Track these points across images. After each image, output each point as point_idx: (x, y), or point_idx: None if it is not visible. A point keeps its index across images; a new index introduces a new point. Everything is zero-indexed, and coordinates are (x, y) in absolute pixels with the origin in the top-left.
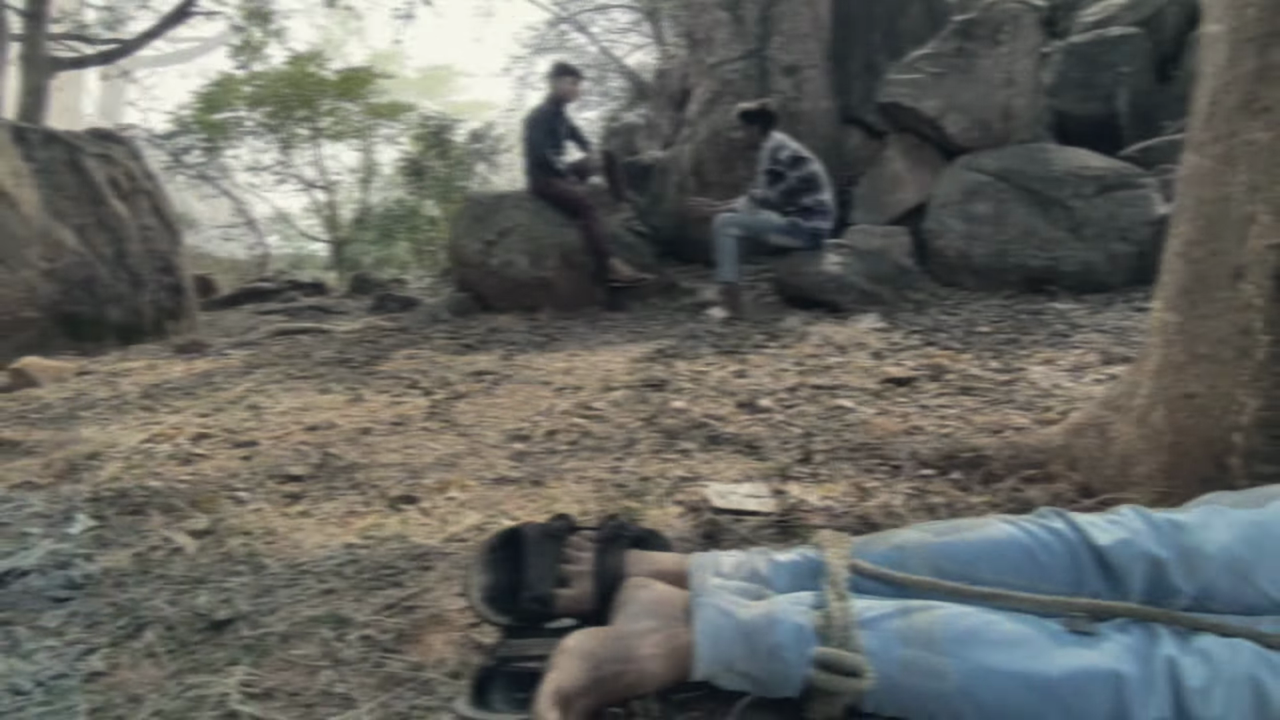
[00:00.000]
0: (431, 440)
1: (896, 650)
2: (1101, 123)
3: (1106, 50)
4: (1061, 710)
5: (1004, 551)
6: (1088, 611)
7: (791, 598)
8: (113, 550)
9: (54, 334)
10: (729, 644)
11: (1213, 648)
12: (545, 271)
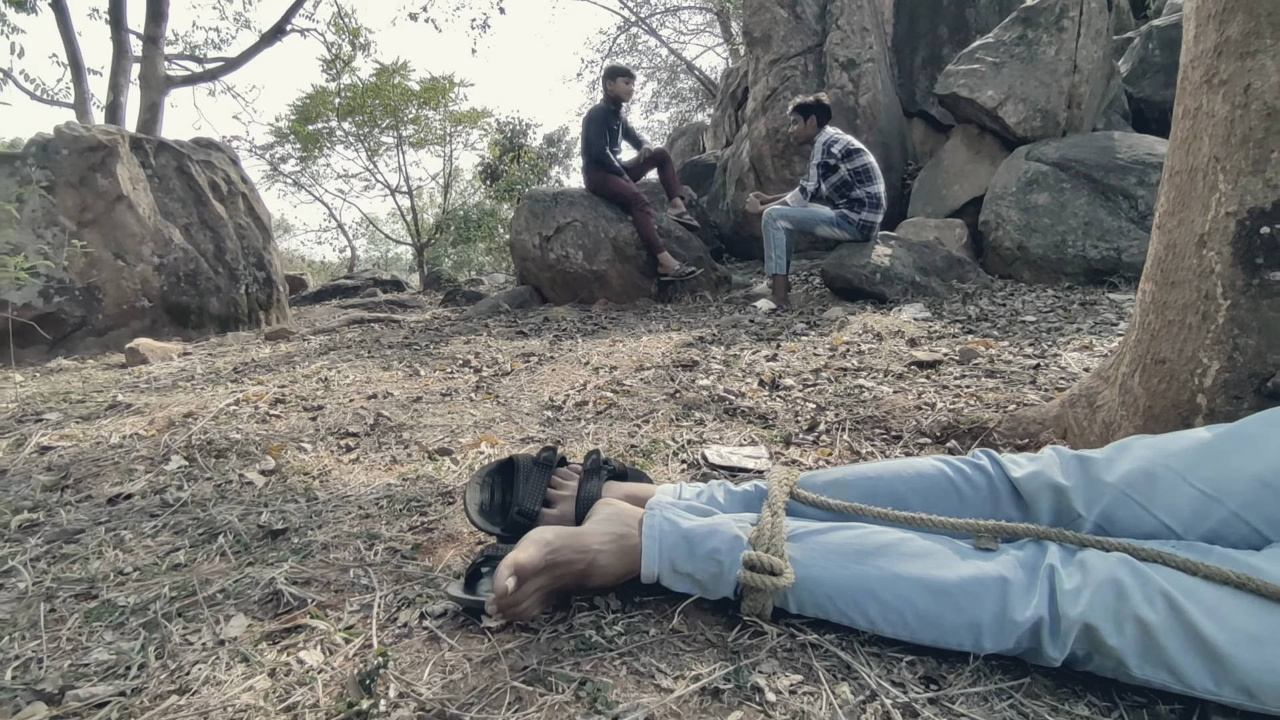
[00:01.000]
0: (473, 408)
1: (818, 558)
2: None
3: None
4: (954, 610)
5: (931, 484)
6: (992, 532)
7: (735, 516)
8: (198, 483)
9: (163, 321)
10: (672, 547)
11: (1090, 558)
12: (599, 265)
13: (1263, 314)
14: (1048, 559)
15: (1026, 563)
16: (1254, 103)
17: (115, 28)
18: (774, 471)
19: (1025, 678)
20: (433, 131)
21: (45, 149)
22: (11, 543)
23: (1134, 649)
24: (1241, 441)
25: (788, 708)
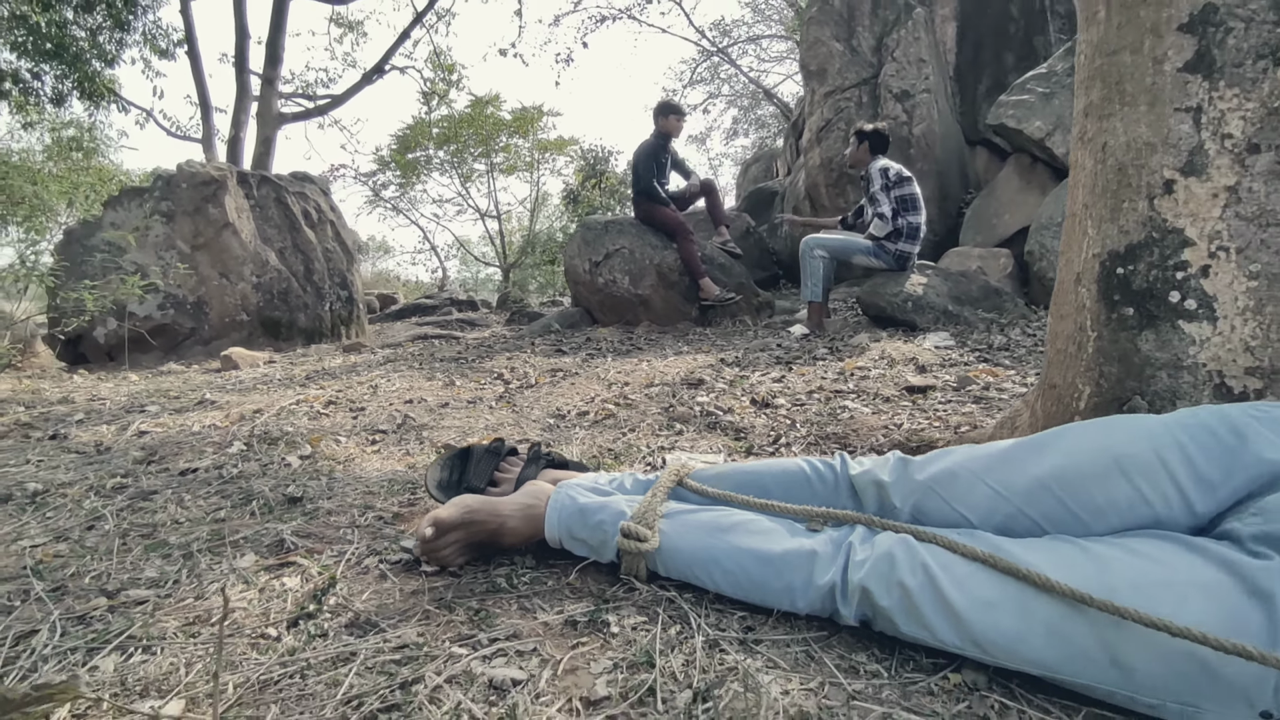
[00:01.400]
0: (490, 414)
1: (682, 532)
2: None
3: None
4: (776, 575)
5: (791, 478)
6: (821, 517)
7: (628, 496)
8: (249, 463)
9: (258, 333)
10: (569, 517)
11: (881, 537)
12: (644, 290)
13: (1121, 345)
14: (851, 537)
15: (836, 540)
16: (1109, 159)
17: (239, 70)
18: (670, 464)
19: (826, 632)
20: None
21: (168, 183)
22: (105, 498)
23: (899, 609)
24: (1030, 449)
25: (624, 638)
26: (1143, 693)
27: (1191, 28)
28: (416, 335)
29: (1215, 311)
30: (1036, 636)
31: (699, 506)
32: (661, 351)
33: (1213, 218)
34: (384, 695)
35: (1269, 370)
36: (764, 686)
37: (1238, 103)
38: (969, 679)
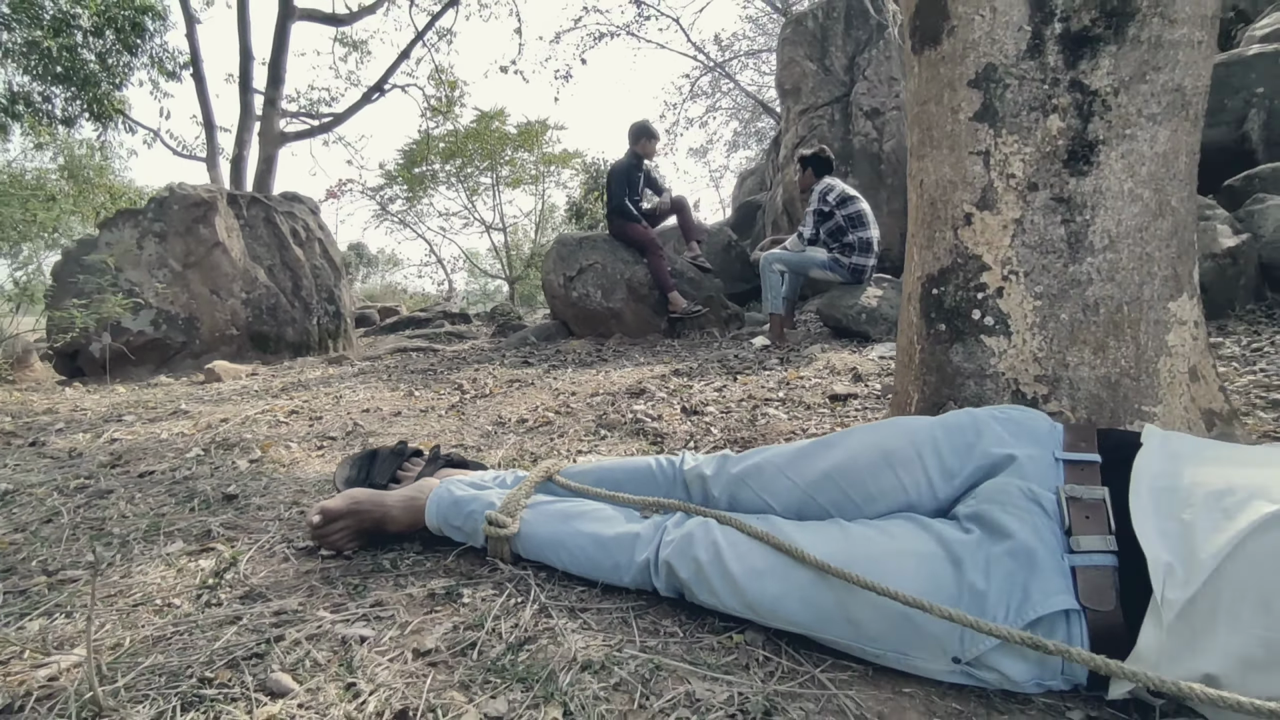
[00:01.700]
0: (437, 422)
1: (540, 520)
2: (1228, 149)
3: (1239, 71)
4: (607, 555)
5: (640, 474)
6: (654, 506)
7: (502, 491)
8: (202, 465)
9: (247, 347)
10: (446, 508)
11: (690, 521)
12: (615, 303)
13: (937, 356)
14: (668, 522)
15: (658, 524)
16: (925, 194)
17: (243, 91)
18: (542, 462)
19: (646, 603)
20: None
21: (161, 205)
22: (66, 497)
23: (693, 580)
24: (822, 447)
25: (471, 606)
26: (869, 644)
27: (978, 83)
28: (397, 348)
29: (1009, 327)
30: (793, 600)
31: (560, 498)
32: (624, 363)
33: (1004, 246)
34: (250, 648)
35: (1052, 378)
36: (568, 641)
37: (1017, 147)
38: (748, 638)
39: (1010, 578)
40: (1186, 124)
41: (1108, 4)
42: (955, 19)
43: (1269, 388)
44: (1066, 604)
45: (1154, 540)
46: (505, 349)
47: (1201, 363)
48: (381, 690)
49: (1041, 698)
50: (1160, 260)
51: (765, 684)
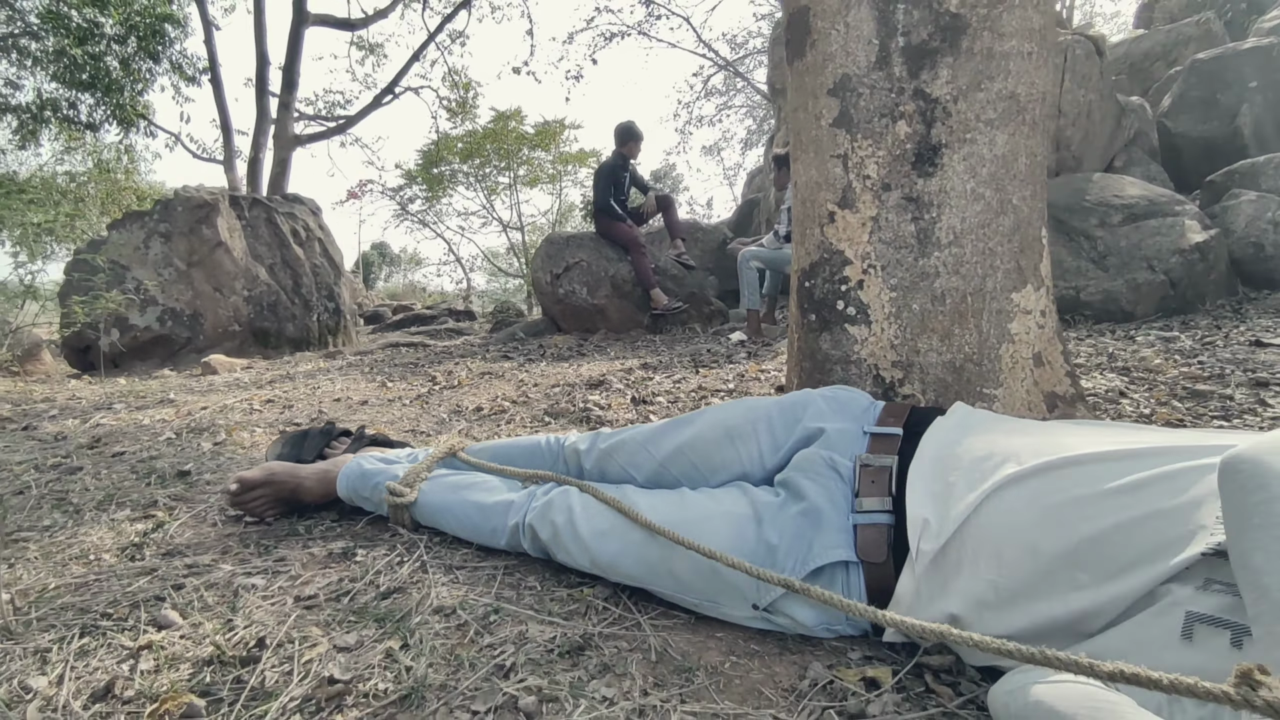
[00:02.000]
0: (399, 410)
1: (435, 490)
2: (1220, 144)
3: (1234, 65)
4: (485, 520)
5: (530, 450)
6: (532, 478)
7: (405, 466)
8: (170, 447)
9: (249, 342)
10: (355, 480)
11: (556, 490)
12: (599, 299)
13: (810, 345)
14: (539, 490)
15: (530, 493)
16: (800, 194)
17: (259, 95)
18: (445, 439)
19: (518, 562)
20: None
21: (166, 206)
22: (40, 473)
23: (551, 540)
24: (679, 424)
25: (362, 563)
26: (687, 593)
27: (836, 92)
28: (389, 344)
29: (869, 316)
30: (629, 557)
31: (458, 472)
32: (600, 357)
33: (863, 241)
34: (154, 593)
35: (906, 363)
36: (433, 592)
37: (871, 150)
38: (596, 591)
39: (799, 534)
40: (1024, 128)
41: (942, 19)
42: (816, 33)
43: (1196, 379)
44: (843, 556)
45: (918, 500)
46: (492, 344)
47: (1048, 349)
48: (254, 626)
49: (832, 641)
50: (1002, 254)
51: (593, 627)
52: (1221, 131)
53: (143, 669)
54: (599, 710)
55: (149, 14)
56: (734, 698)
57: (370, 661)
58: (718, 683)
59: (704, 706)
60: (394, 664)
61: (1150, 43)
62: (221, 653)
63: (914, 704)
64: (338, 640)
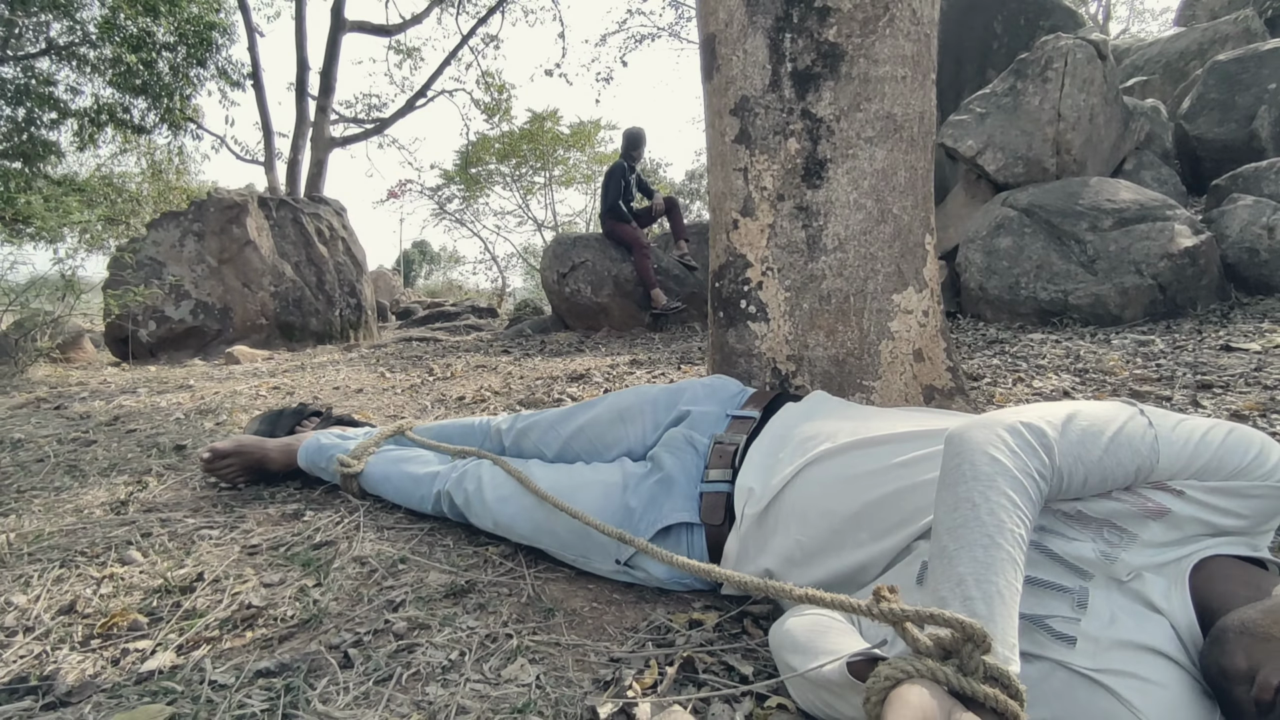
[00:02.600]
0: (389, 398)
1: (378, 463)
2: (1237, 146)
3: (1252, 67)
4: (415, 488)
5: (466, 430)
6: (460, 453)
7: (359, 442)
8: (178, 426)
9: (275, 336)
10: (314, 452)
11: (473, 463)
12: (603, 298)
13: (720, 339)
14: (461, 463)
15: (455, 465)
16: (711, 203)
17: (299, 99)
18: (397, 420)
19: (443, 526)
20: (579, 171)
21: (200, 207)
22: (61, 444)
23: (464, 506)
24: (584, 407)
25: (308, 522)
26: (565, 550)
27: (736, 111)
28: (403, 338)
29: (768, 314)
30: (523, 519)
31: (403, 447)
32: (595, 353)
33: (762, 246)
34: (128, 537)
35: (798, 357)
36: (358, 545)
37: (767, 164)
38: (500, 550)
39: (654, 499)
40: (902, 145)
41: (823, 47)
42: (720, 59)
43: (1145, 381)
44: (686, 518)
45: (749, 472)
46: (500, 340)
47: (929, 346)
48: (200, 565)
49: (683, 593)
50: (883, 259)
51: (483, 576)
52: (1239, 134)
53: (102, 593)
54: (458, 634)
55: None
56: (580, 634)
57: (285, 594)
58: (572, 621)
59: (548, 637)
60: (304, 597)
61: (1186, 42)
62: (168, 583)
63: (725, 640)
64: (265, 578)
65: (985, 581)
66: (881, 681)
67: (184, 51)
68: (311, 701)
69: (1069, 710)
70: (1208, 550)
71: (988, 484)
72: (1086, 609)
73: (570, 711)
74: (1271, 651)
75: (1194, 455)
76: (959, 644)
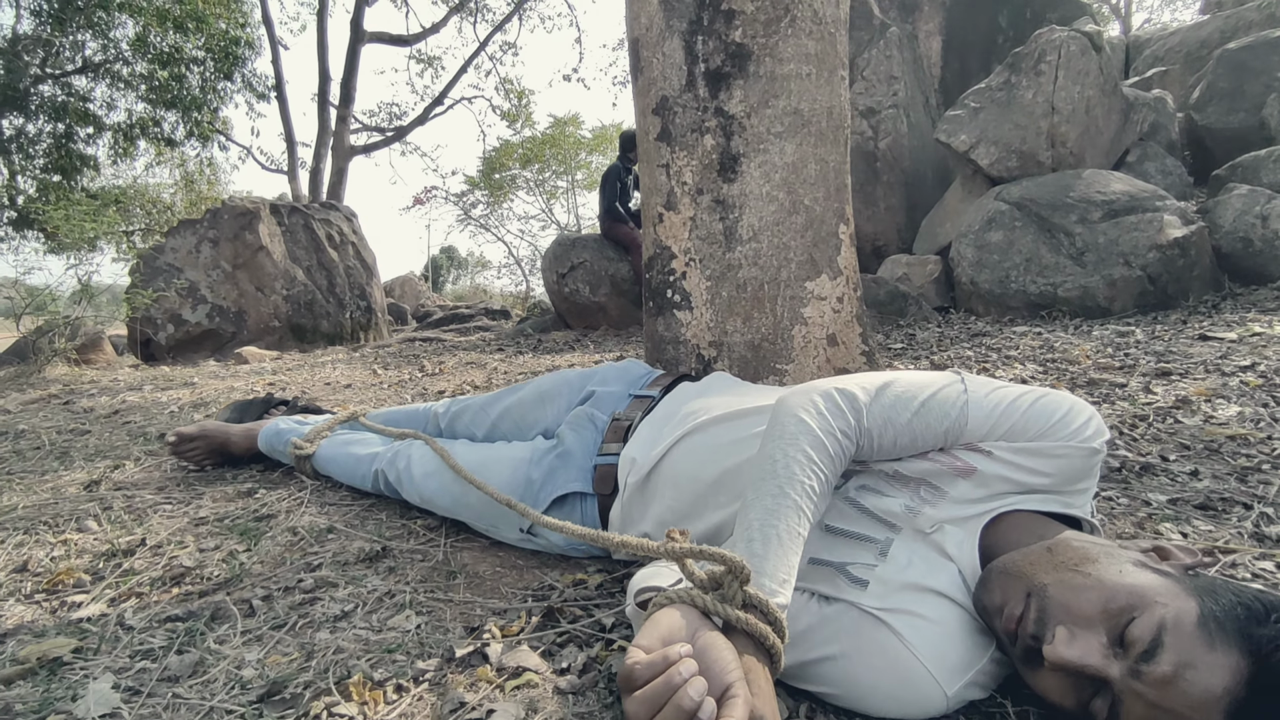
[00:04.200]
0: (376, 393)
1: (329, 447)
2: (1246, 135)
3: (1262, 54)
4: (357, 467)
5: (412, 415)
6: (399, 435)
7: (313, 426)
8: (171, 418)
9: (287, 338)
10: (272, 436)
11: (405, 443)
12: (600, 297)
13: (650, 327)
14: (397, 445)
15: (390, 448)
16: (643, 197)
17: (320, 109)
18: (351, 408)
19: (378, 502)
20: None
21: (215, 215)
22: (59, 434)
23: (396, 482)
24: (511, 391)
25: (258, 499)
26: (478, 520)
27: (658, 111)
28: (409, 339)
29: (691, 303)
30: (444, 492)
31: (352, 431)
32: (586, 351)
33: (684, 238)
34: (90, 510)
35: (718, 343)
36: (295, 517)
37: (687, 160)
38: (427, 522)
39: (552, 472)
40: (811, 138)
41: (731, 48)
42: (643, 61)
43: (1106, 369)
44: (578, 488)
45: (635, 444)
46: (501, 339)
47: (843, 330)
48: (147, 533)
49: (583, 559)
50: (796, 248)
51: (402, 544)
52: (1248, 123)
53: (54, 555)
54: (360, 591)
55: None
56: (475, 593)
57: (216, 558)
58: (471, 583)
59: (442, 594)
60: (232, 560)
61: (1208, 30)
62: (114, 548)
63: (602, 597)
64: (202, 544)
65: (768, 526)
66: (652, 608)
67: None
68: (207, 640)
69: (855, 645)
70: (1009, 506)
71: (790, 442)
72: (886, 557)
73: (433, 652)
74: (1020, 588)
75: (1002, 418)
76: (725, 577)
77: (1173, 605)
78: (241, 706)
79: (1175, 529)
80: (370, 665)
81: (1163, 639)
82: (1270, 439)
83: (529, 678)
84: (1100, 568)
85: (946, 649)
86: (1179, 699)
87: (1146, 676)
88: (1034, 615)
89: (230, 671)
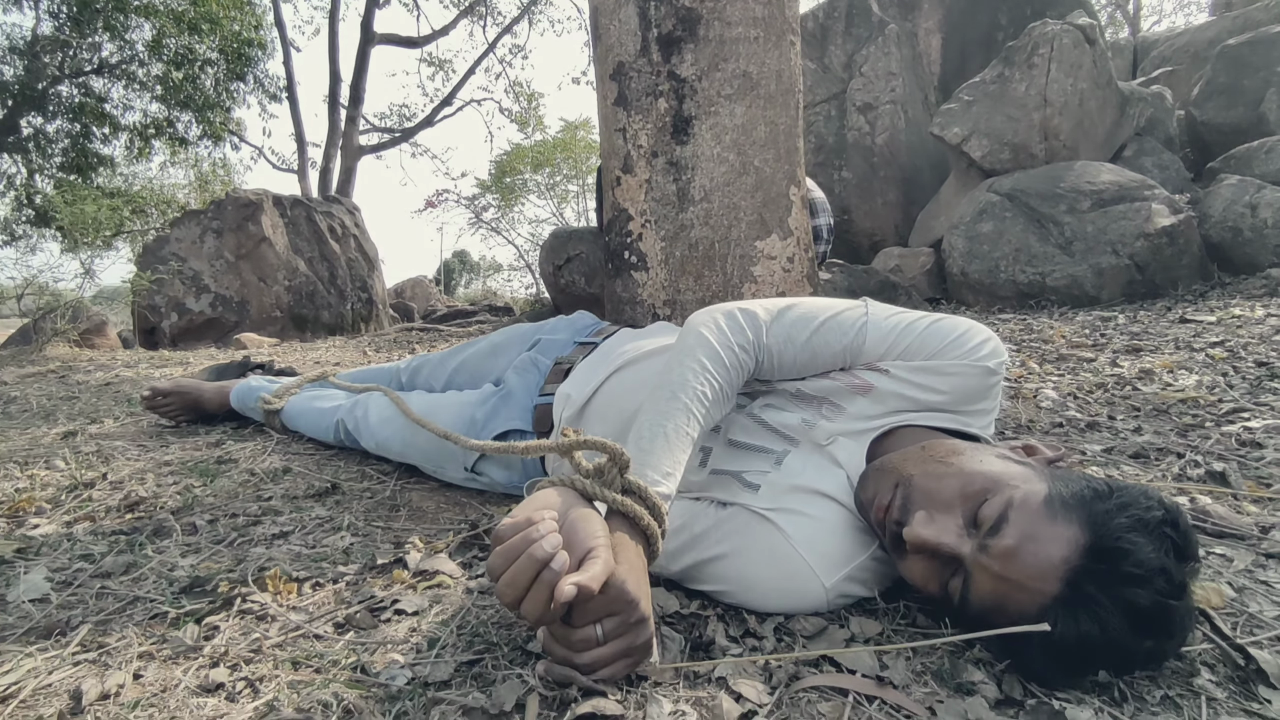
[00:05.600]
0: None
1: (298, 402)
2: (1245, 130)
3: (1261, 49)
4: (320, 419)
5: (376, 373)
6: (362, 389)
7: (283, 384)
8: None
9: (289, 327)
10: (244, 394)
11: (365, 395)
12: (595, 288)
13: (610, 288)
14: (359, 398)
15: (351, 399)
16: (602, 161)
17: (331, 110)
18: (326, 369)
19: (340, 452)
20: None
21: (219, 206)
22: (50, 401)
23: (355, 431)
24: (467, 345)
25: (224, 449)
26: (426, 461)
27: (615, 76)
28: (406, 329)
29: (647, 264)
30: (396, 437)
31: (320, 388)
32: None
33: (640, 200)
34: (62, 454)
35: (672, 301)
36: (256, 464)
37: (642, 124)
38: (381, 467)
39: (495, 411)
40: (760, 101)
41: (681, 12)
42: (601, 29)
43: (1079, 347)
44: (518, 425)
45: (570, 383)
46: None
47: (794, 290)
48: (111, 473)
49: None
50: (746, 209)
51: (355, 483)
52: (1246, 118)
53: (19, 488)
54: (302, 518)
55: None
56: (413, 523)
57: (171, 491)
58: (410, 514)
59: (379, 521)
60: (188, 493)
61: (1215, 30)
62: (76, 482)
63: None
64: (161, 481)
65: (656, 425)
66: (535, 490)
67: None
68: (146, 550)
69: (745, 542)
70: (902, 420)
71: (688, 354)
72: (781, 466)
73: (357, 561)
74: (890, 480)
75: (899, 338)
76: (606, 464)
77: (1023, 488)
78: (163, 596)
79: (1101, 472)
80: (294, 569)
81: (1008, 515)
82: (1220, 401)
83: (442, 579)
84: (964, 459)
85: (826, 543)
86: (1020, 569)
87: (991, 549)
88: (899, 503)
89: (162, 572)
